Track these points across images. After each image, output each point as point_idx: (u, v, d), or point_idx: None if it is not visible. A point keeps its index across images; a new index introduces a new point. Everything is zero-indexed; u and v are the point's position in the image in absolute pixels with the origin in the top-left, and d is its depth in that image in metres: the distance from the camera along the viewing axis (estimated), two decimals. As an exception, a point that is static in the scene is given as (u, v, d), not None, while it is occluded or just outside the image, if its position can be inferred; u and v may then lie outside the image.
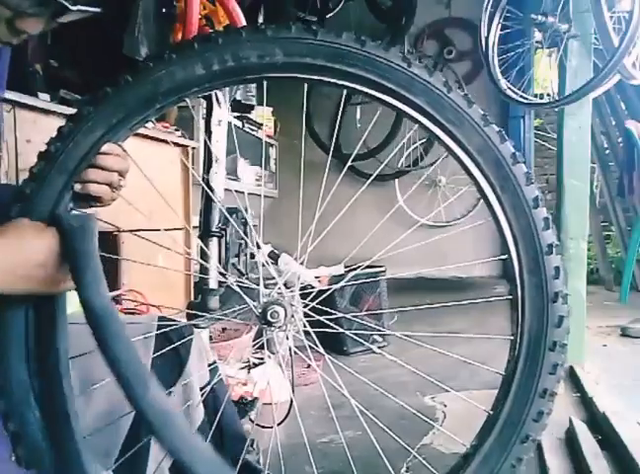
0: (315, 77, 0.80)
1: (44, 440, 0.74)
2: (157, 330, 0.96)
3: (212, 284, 1.10)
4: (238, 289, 0.94)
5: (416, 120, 0.82)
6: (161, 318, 1.01)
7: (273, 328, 0.89)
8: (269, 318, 0.88)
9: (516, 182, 0.84)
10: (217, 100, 1.10)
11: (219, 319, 1.04)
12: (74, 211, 0.78)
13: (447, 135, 0.83)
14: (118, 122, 0.78)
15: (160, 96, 0.78)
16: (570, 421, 1.64)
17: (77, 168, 0.77)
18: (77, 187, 0.78)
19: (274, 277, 0.93)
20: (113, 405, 0.87)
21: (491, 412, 0.86)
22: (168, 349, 0.95)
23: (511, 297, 0.85)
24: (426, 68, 0.80)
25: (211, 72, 0.78)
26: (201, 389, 1.01)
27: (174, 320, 1.03)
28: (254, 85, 3.07)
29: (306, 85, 0.87)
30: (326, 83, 0.81)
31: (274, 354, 0.98)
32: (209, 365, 1.06)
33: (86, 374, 0.87)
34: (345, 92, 0.86)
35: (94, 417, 0.89)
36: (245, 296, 0.91)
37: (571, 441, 1.56)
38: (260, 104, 3.70)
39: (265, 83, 0.88)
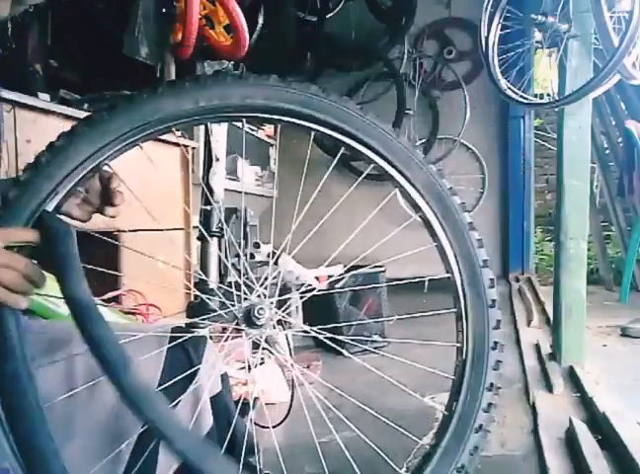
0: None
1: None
2: (170, 339, 0.97)
3: (212, 284, 1.10)
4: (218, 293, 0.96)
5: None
6: (175, 328, 1.01)
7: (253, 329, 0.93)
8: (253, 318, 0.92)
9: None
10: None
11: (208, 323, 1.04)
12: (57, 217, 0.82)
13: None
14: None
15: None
16: (570, 421, 1.64)
17: (64, 178, 0.82)
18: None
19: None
20: (119, 410, 0.87)
21: (446, 412, 0.97)
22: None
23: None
24: None
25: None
26: (214, 398, 1.01)
27: (187, 329, 1.02)
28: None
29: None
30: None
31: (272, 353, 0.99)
32: (221, 377, 1.06)
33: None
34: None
35: (101, 422, 0.89)
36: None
37: (571, 441, 1.56)
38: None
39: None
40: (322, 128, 0.94)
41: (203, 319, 1.02)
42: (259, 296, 0.95)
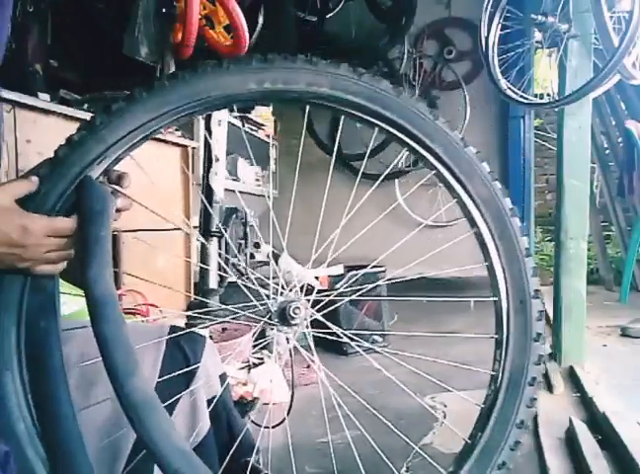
0: None
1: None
2: (169, 339, 0.96)
3: (212, 284, 1.10)
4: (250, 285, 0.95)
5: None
6: (173, 327, 1.00)
7: (284, 327, 0.91)
8: (288, 316, 0.90)
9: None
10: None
11: (221, 318, 1.04)
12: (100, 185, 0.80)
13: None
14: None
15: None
16: (570, 421, 1.64)
17: (116, 143, 0.80)
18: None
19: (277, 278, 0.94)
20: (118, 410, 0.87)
21: (469, 441, 0.92)
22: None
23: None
24: None
25: None
26: (212, 400, 1.00)
27: (186, 329, 1.02)
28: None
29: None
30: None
31: (278, 353, 0.99)
32: (220, 377, 1.05)
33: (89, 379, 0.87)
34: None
35: (100, 420, 0.88)
36: (262, 293, 0.92)
37: (571, 441, 1.56)
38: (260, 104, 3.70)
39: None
40: (387, 127, 0.90)
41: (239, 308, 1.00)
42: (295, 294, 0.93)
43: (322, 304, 0.96)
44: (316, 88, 0.85)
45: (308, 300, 0.94)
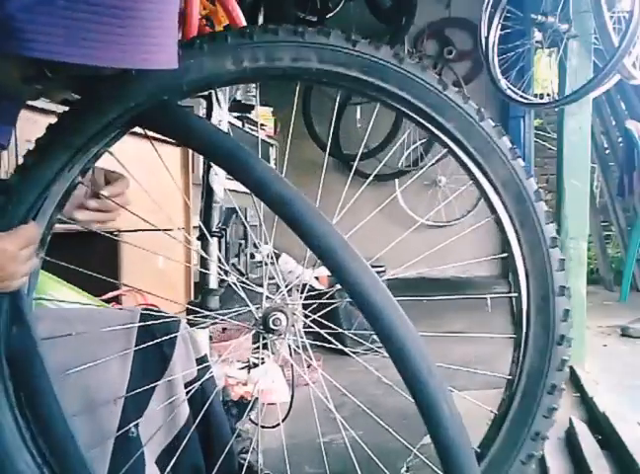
0: None
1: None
2: (140, 323, 0.94)
3: (212, 284, 1.10)
4: (240, 291, 0.94)
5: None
6: (145, 310, 0.98)
7: (271, 334, 0.89)
8: (270, 325, 0.88)
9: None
10: (217, 100, 1.10)
11: (216, 320, 1.03)
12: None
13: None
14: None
15: None
16: (570, 421, 1.64)
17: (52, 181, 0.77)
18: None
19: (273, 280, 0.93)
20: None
21: (478, 450, 0.84)
22: (150, 344, 0.92)
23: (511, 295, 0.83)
24: None
25: None
26: (189, 384, 0.99)
27: (159, 313, 1.00)
28: (254, 85, 3.08)
29: (306, 85, 0.88)
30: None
31: (273, 354, 0.98)
32: (199, 360, 1.03)
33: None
34: (343, 92, 0.86)
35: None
36: (247, 299, 0.91)
37: (571, 441, 1.56)
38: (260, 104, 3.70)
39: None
40: (388, 100, 0.81)
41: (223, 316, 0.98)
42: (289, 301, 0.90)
43: (315, 305, 0.96)
44: (303, 63, 0.76)
45: (297, 303, 0.93)
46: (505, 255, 0.84)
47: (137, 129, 0.84)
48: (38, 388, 0.75)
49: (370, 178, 1.11)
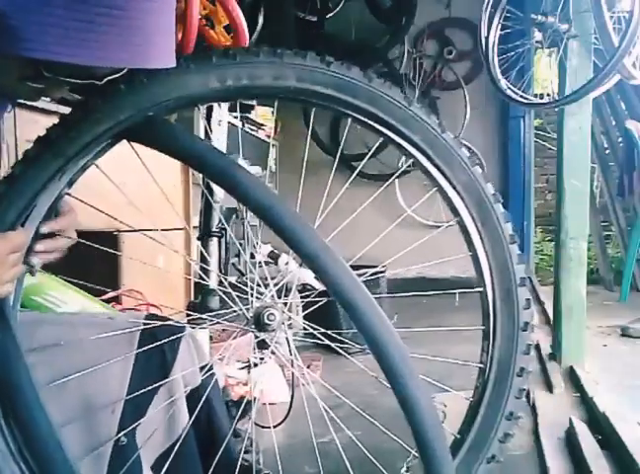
0: None
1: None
2: (144, 330, 0.92)
3: (213, 285, 1.10)
4: (232, 292, 0.94)
5: None
6: (149, 316, 0.97)
7: (263, 332, 0.91)
8: (262, 324, 0.89)
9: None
10: (217, 100, 1.10)
11: (213, 321, 1.03)
12: None
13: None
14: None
15: None
16: (570, 421, 1.64)
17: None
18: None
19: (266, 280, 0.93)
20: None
21: (458, 436, 0.91)
22: (151, 347, 0.90)
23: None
24: None
25: None
26: (193, 391, 0.97)
27: (163, 318, 0.99)
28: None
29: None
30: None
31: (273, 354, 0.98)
32: (203, 367, 1.01)
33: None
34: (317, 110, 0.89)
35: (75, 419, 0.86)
36: (237, 300, 0.91)
37: (571, 441, 1.56)
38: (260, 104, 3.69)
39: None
40: (358, 116, 0.88)
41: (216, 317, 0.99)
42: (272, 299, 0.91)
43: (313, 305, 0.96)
44: (282, 81, 0.83)
45: (286, 304, 0.93)
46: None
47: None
48: (22, 398, 0.74)
49: (353, 175, 1.10)
